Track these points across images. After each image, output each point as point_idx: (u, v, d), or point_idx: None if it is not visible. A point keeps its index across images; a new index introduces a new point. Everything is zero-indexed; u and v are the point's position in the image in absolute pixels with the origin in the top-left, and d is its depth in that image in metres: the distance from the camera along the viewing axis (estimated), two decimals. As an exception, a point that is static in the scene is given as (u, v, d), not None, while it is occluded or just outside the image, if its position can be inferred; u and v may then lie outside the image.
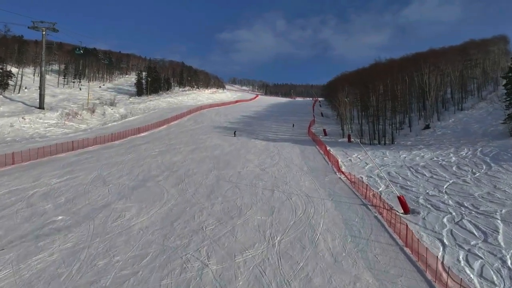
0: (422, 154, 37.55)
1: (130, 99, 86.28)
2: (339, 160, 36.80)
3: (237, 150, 41.56)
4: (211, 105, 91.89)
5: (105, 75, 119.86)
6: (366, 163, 35.92)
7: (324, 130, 55.51)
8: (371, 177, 30.91)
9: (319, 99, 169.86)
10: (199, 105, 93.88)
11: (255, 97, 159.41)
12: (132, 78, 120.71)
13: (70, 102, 66.28)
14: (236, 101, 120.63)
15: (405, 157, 37.24)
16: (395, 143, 44.64)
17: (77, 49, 79.65)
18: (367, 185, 27.38)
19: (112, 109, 67.31)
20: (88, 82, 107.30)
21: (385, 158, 37.52)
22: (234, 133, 53.32)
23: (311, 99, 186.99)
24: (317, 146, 45.05)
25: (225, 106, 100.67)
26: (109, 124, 58.08)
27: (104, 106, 66.83)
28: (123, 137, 46.63)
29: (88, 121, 57.46)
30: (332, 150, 42.06)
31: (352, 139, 48.53)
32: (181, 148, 41.83)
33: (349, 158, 38.63)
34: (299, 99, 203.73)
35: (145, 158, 35.05)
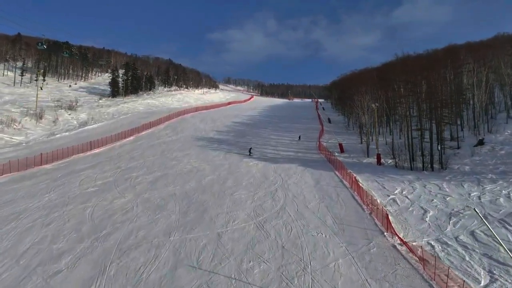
0: (503, 191, 24.54)
1: (100, 101, 72.43)
2: (378, 200, 23.69)
3: (222, 181, 28.19)
4: (197, 109, 78.20)
5: (80, 73, 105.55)
6: (422, 208, 22.75)
7: (340, 145, 42.20)
8: (447, 244, 17.80)
9: (320, 100, 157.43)
10: (185, 107, 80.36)
11: (250, 98, 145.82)
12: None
13: (16, 105, 52.40)
14: (229, 103, 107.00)
15: (479, 197, 24.18)
16: (447, 168, 31.56)
17: (40, 44, 66.37)
18: (456, 275, 14.35)
19: (69, 114, 53.61)
20: (58, 80, 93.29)
21: (447, 198, 24.37)
22: (249, 151, 39.24)
23: (310, 100, 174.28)
24: (336, 172, 31.81)
25: (215, 109, 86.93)
26: (58, 135, 44.39)
27: (60, 111, 53.07)
28: (62, 158, 33.12)
29: (30, 131, 43.74)
30: (360, 180, 28.88)
31: (382, 160, 35.36)
32: (139, 176, 28.43)
33: (390, 196, 25.41)
34: (297, 100, 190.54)
35: (68, 204, 21.56)
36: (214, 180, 28.34)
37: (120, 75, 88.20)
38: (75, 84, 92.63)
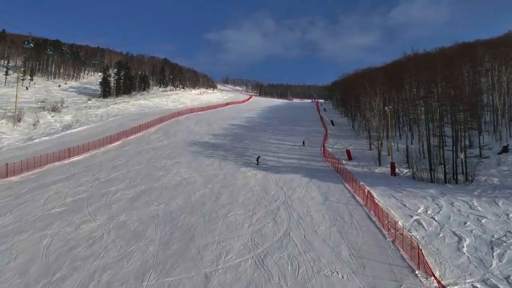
0: (549, 212, 20.64)
1: (89, 102, 68.28)
2: (400, 223, 19.79)
3: (215, 197, 24.23)
4: (192, 110, 74.10)
5: (71, 72, 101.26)
6: (455, 234, 18.81)
7: (348, 152, 38.20)
8: (498, 288, 13.87)
9: (320, 100, 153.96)
10: (180, 108, 76.36)
11: (249, 99, 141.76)
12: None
13: (-6, 106, 48.26)
14: (227, 104, 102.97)
15: (521, 219, 20.28)
16: (473, 180, 27.64)
17: (26, 42, 62.08)
18: None
19: (52, 117, 49.56)
20: (48, 79, 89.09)
21: (482, 220, 20.44)
22: (257, 161, 34.75)
23: (310, 101, 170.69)
24: (346, 185, 27.87)
25: (212, 111, 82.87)
26: (36, 140, 40.35)
27: (42, 113, 49.03)
28: (33, 168, 29.08)
29: (5, 135, 39.69)
30: (375, 195, 24.94)
31: (397, 170, 31.40)
32: (118, 191, 24.45)
33: (413, 217, 21.44)
34: (296, 100, 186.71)
35: (22, 231, 17.56)
36: (206, 196, 24.37)
37: (112, 74, 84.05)
38: (65, 84, 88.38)
